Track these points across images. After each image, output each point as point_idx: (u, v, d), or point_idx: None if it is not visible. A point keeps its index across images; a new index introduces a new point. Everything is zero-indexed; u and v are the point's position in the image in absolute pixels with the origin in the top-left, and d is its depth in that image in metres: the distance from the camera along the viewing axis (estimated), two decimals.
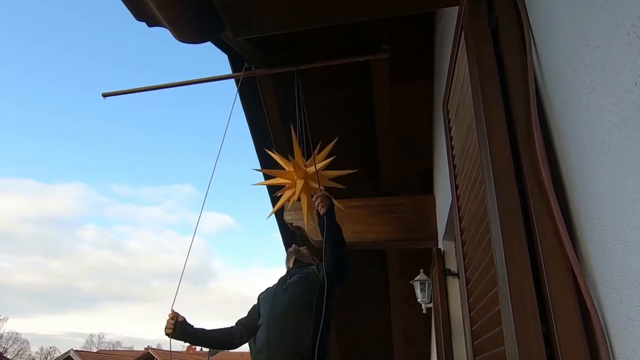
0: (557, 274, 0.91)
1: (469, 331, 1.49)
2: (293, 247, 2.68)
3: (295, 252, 2.63)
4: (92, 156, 73.74)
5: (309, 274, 2.36)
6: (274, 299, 2.33)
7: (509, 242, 0.99)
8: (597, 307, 0.82)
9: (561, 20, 0.98)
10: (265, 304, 2.36)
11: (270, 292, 2.42)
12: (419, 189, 4.20)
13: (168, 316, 2.33)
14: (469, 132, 1.41)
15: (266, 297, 2.41)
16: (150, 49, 79.87)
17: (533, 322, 0.91)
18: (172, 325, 2.30)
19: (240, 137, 4.28)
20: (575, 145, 0.92)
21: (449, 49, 1.83)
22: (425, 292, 3.93)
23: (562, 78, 0.98)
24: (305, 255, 2.64)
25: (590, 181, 0.85)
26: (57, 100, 69.96)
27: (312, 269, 2.39)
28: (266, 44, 2.89)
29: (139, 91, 3.13)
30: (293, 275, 2.43)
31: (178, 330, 2.30)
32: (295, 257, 2.60)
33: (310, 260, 2.60)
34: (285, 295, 2.30)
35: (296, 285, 2.33)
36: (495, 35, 1.25)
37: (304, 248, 2.70)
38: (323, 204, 2.25)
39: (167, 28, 2.04)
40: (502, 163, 1.08)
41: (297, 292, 2.29)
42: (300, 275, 2.38)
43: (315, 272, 2.35)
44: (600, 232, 0.81)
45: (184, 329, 2.32)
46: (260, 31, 2.14)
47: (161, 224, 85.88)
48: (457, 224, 1.69)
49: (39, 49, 68.15)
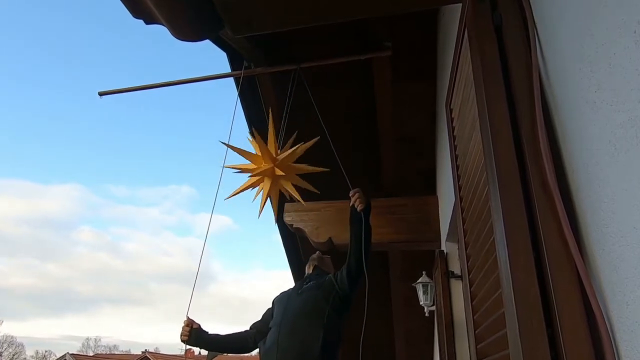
0: (562, 275, 0.91)
1: (473, 334, 1.49)
2: (317, 254, 2.71)
3: (318, 259, 2.67)
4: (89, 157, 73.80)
5: (325, 282, 2.39)
6: (287, 302, 2.36)
7: (513, 243, 0.99)
8: (602, 310, 0.82)
9: (566, 18, 0.98)
10: (279, 306, 2.40)
11: (285, 295, 2.46)
12: (421, 189, 4.20)
13: (183, 323, 2.40)
14: (472, 132, 1.41)
15: (280, 300, 2.44)
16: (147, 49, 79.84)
17: (538, 325, 0.91)
18: (187, 332, 2.37)
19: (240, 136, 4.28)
20: (580, 145, 0.92)
21: (452, 48, 1.83)
22: (427, 294, 3.92)
23: (568, 77, 0.98)
24: (327, 264, 2.67)
25: (596, 182, 0.85)
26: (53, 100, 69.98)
27: (330, 277, 2.41)
28: (266, 42, 2.90)
29: (135, 90, 3.13)
30: (310, 281, 2.46)
31: (193, 336, 2.38)
32: (316, 264, 2.63)
33: (330, 269, 2.62)
34: (299, 300, 2.34)
35: (311, 291, 2.36)
36: (499, 33, 1.25)
37: (327, 257, 2.73)
38: (361, 200, 2.24)
39: (165, 26, 2.04)
40: (506, 163, 1.08)
41: (311, 297, 2.32)
42: (317, 282, 2.42)
43: (332, 280, 2.37)
44: (606, 234, 0.81)
45: (199, 336, 2.40)
46: (260, 30, 2.15)
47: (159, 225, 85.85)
48: (460, 225, 1.69)
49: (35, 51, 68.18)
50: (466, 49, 1.45)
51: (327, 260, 2.69)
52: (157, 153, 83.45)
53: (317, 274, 2.54)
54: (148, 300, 75.60)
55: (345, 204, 4.00)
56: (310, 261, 2.68)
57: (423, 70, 3.45)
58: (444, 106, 2.26)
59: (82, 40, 71.79)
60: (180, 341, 2.38)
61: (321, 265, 2.63)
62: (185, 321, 2.41)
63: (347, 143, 2.70)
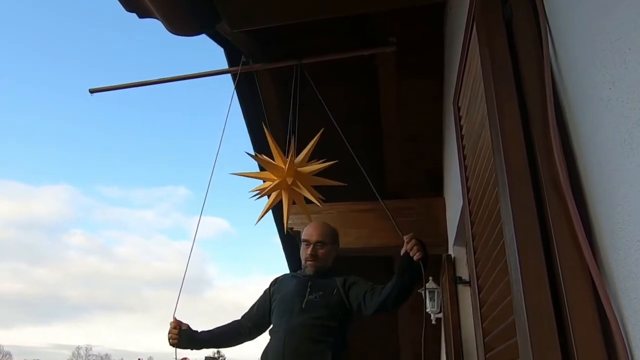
0: (575, 281, 0.91)
1: (482, 343, 1.49)
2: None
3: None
4: (80, 156, 73.87)
5: (332, 295, 2.25)
6: (290, 316, 2.21)
7: (524, 247, 0.99)
8: (617, 317, 0.82)
9: (579, 12, 0.98)
10: (281, 314, 2.25)
11: (287, 299, 2.29)
12: (427, 191, 4.20)
13: (170, 325, 2.28)
14: (481, 130, 1.41)
15: (282, 306, 2.28)
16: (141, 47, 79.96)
17: (550, 333, 0.91)
18: (176, 335, 2.26)
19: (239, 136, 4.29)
20: (594, 145, 0.92)
21: (460, 43, 1.83)
22: (434, 301, 3.92)
23: (581, 73, 0.98)
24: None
25: (611, 183, 0.85)
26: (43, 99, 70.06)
27: (337, 287, 2.27)
28: (265, 36, 2.90)
29: (128, 87, 3.14)
30: (313, 287, 2.28)
31: (184, 339, 2.27)
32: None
33: (332, 262, 2.45)
34: (305, 317, 2.19)
35: (316, 310, 2.21)
36: (509, 27, 1.25)
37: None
38: (419, 248, 2.07)
39: (159, 20, 2.05)
40: (516, 163, 1.08)
41: (318, 318, 2.19)
42: (323, 293, 2.25)
43: (340, 293, 2.25)
44: (621, 237, 0.81)
45: (189, 336, 2.29)
46: (258, 24, 2.15)
47: (153, 229, 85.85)
48: (469, 229, 1.69)
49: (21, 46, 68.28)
50: (475, 43, 1.45)
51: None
52: (152, 153, 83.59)
53: (321, 276, 2.35)
54: (141, 306, 75.64)
55: (347, 206, 3.99)
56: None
57: (429, 67, 3.45)
58: (451, 104, 2.27)
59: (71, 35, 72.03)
60: (170, 345, 2.25)
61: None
62: (172, 323, 2.28)
63: (350, 142, 2.69)
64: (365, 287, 2.23)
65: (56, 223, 75.62)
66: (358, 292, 2.24)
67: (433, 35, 3.27)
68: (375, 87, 3.36)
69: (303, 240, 2.43)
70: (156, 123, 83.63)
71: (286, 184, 2.50)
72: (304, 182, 2.53)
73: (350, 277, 2.32)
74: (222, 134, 2.64)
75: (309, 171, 2.55)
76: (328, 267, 2.39)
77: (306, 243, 2.39)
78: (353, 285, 2.27)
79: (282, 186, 2.52)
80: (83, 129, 73.83)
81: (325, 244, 2.39)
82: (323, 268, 2.37)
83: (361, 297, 2.21)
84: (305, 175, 2.54)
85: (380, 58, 3.09)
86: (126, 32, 76.35)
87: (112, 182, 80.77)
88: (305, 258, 2.37)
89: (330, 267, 2.40)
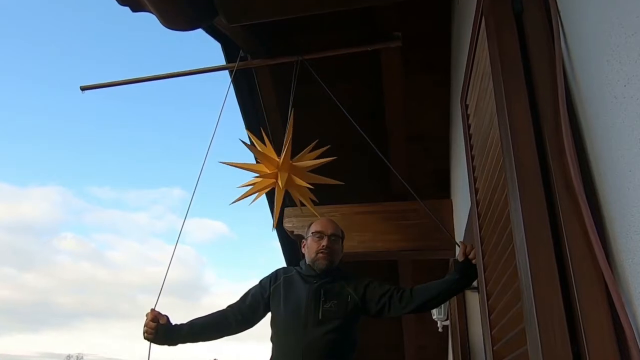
0: (588, 287, 0.91)
1: (490, 351, 1.49)
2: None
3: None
4: (71, 156, 73.97)
5: (347, 303, 2.19)
6: (305, 328, 2.12)
7: (535, 251, 0.99)
8: (632, 325, 0.82)
9: (592, 5, 0.98)
10: (295, 325, 2.16)
11: (299, 306, 2.19)
12: (434, 192, 4.20)
13: (146, 317, 2.10)
14: (489, 129, 1.41)
15: (294, 315, 2.18)
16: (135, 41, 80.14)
17: (562, 342, 0.91)
18: (152, 330, 2.08)
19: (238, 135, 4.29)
20: (608, 144, 0.92)
21: (468, 38, 1.83)
22: (441, 308, 3.92)
23: (594, 69, 0.98)
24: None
25: (626, 184, 0.85)
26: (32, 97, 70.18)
27: (350, 294, 2.21)
28: (264, 31, 2.90)
29: (120, 84, 3.14)
30: (327, 295, 2.21)
31: (161, 333, 2.08)
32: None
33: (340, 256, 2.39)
34: (323, 331, 2.11)
35: (335, 319, 2.14)
36: (519, 21, 1.25)
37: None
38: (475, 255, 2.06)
39: (153, 13, 2.05)
40: (527, 164, 1.08)
41: (336, 331, 2.13)
42: (337, 302, 2.18)
43: (354, 299, 2.20)
44: (636, 241, 0.81)
45: (167, 331, 2.12)
46: (257, 18, 2.16)
47: (147, 232, 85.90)
48: (477, 232, 1.69)
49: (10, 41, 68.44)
50: (483, 38, 1.45)
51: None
52: (147, 153, 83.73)
53: (330, 279, 2.27)
54: (135, 313, 75.69)
55: (349, 209, 3.99)
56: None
57: (436, 63, 3.45)
58: (458, 102, 2.26)
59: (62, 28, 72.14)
60: (144, 339, 2.07)
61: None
62: (149, 314, 2.09)
63: (353, 142, 2.69)
64: (387, 288, 2.21)
65: (46, 226, 75.69)
66: (381, 293, 2.20)
67: (440, 29, 3.28)
68: (379, 84, 3.37)
69: (315, 233, 2.34)
70: (150, 119, 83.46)
71: (279, 176, 2.49)
72: (300, 177, 2.54)
73: (360, 279, 2.29)
74: (215, 129, 2.64)
75: (304, 166, 2.56)
76: (336, 266, 2.34)
77: (319, 235, 2.32)
78: (368, 287, 2.24)
79: (275, 178, 2.51)
80: (74, 125, 73.67)
81: (339, 237, 2.36)
82: (334, 264, 2.31)
83: (386, 299, 2.18)
84: (301, 170, 2.55)
85: (384, 54, 3.08)
86: (119, 25, 76.33)
87: (105, 182, 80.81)
88: (318, 250, 2.28)
89: (337, 266, 2.36)
